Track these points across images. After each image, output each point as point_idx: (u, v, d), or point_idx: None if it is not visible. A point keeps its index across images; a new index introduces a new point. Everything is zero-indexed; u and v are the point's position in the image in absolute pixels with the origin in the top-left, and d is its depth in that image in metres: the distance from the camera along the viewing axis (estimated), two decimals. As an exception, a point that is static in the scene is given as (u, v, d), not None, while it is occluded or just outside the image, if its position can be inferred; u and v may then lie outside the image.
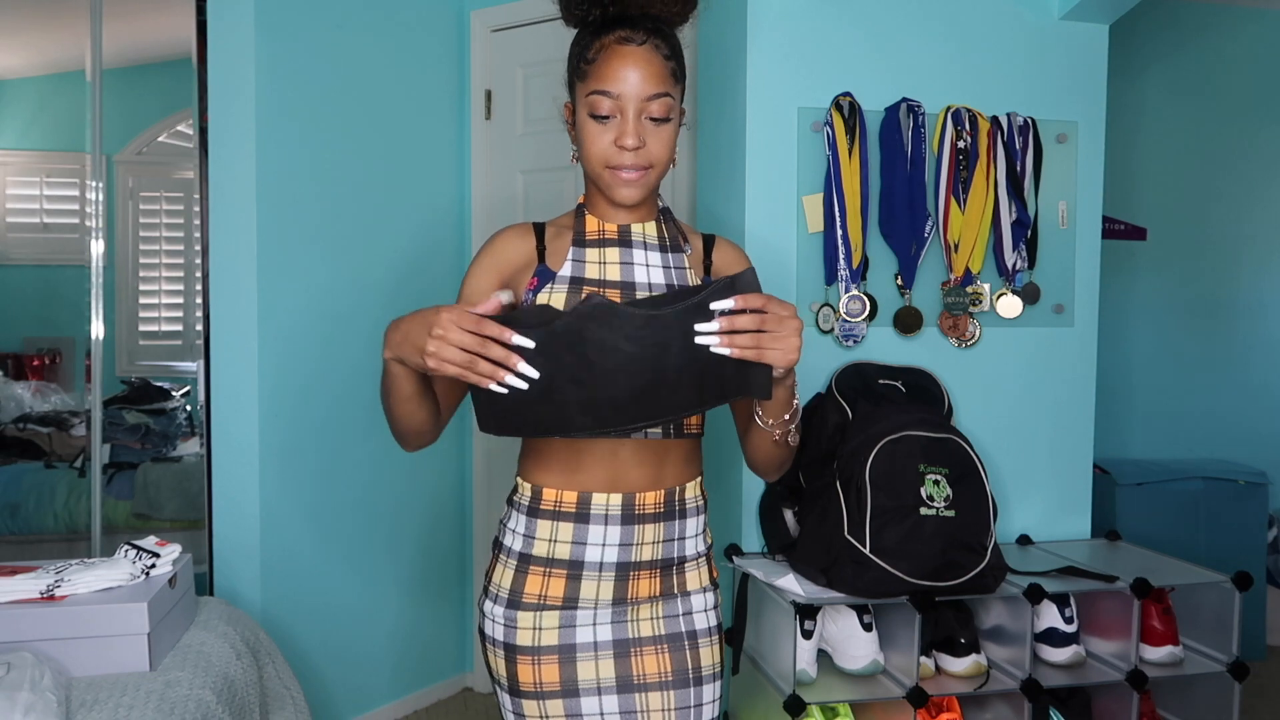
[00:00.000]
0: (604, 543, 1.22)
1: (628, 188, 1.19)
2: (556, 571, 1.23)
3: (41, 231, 2.57)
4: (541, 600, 1.23)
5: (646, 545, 1.24)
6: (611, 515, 1.22)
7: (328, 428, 2.61)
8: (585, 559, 1.22)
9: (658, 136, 1.18)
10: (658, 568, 1.26)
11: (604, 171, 1.19)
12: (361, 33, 2.67)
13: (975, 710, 2.07)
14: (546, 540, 1.23)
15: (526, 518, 1.25)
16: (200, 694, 1.51)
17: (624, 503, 1.22)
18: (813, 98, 2.24)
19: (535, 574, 1.23)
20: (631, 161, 1.17)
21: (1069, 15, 2.33)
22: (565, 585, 1.23)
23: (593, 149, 1.18)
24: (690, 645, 1.27)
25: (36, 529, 2.49)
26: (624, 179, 1.18)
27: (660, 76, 1.16)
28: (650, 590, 1.26)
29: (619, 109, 1.16)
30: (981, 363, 2.33)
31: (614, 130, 1.17)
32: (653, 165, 1.19)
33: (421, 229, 2.88)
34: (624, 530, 1.22)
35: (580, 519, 1.22)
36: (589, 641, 1.23)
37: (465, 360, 1.01)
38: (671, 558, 1.27)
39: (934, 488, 1.93)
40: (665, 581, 1.27)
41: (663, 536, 1.25)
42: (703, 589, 1.31)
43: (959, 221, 2.27)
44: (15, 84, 2.56)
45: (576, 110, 1.21)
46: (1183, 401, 3.55)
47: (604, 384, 1.04)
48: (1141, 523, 3.02)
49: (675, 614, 1.27)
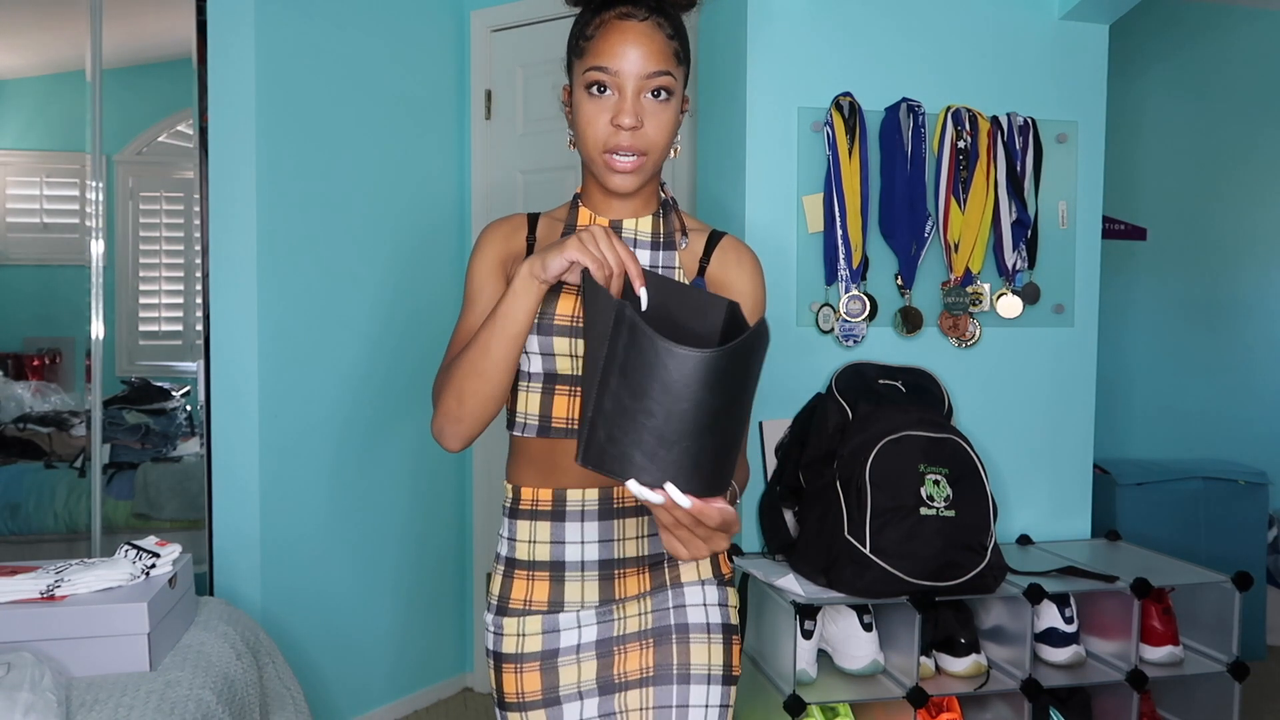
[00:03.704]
0: (583, 540, 1.16)
1: (622, 176, 1.12)
2: (539, 574, 1.18)
3: (41, 231, 2.57)
4: (526, 605, 1.17)
5: (630, 540, 1.17)
6: (589, 511, 1.16)
7: (327, 428, 2.61)
8: (566, 559, 1.17)
9: (657, 119, 1.11)
10: (645, 564, 1.19)
11: (599, 156, 1.12)
12: (361, 33, 2.67)
13: (975, 710, 2.07)
14: (526, 542, 1.18)
15: (509, 520, 1.21)
16: (200, 694, 1.51)
17: (601, 497, 1.16)
18: (813, 98, 2.24)
19: (520, 578, 1.18)
20: (629, 143, 1.10)
21: (1069, 15, 2.34)
22: (549, 589, 1.17)
23: (588, 129, 1.11)
24: (680, 640, 1.17)
25: (36, 529, 2.49)
26: (619, 165, 1.11)
27: (662, 54, 1.10)
28: (639, 587, 1.18)
29: (617, 86, 1.09)
30: (981, 363, 2.34)
31: (611, 109, 1.10)
32: (649, 151, 1.12)
33: (421, 229, 2.88)
34: (603, 526, 1.16)
35: (556, 517, 1.17)
36: (571, 645, 1.16)
37: (605, 255, 1.00)
38: (660, 552, 1.19)
39: (934, 488, 1.93)
40: (656, 577, 1.19)
41: (648, 530, 1.18)
42: (700, 581, 1.21)
43: (959, 221, 2.27)
44: (15, 84, 2.56)
45: (574, 91, 1.14)
46: (1183, 401, 3.55)
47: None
48: (1141, 523, 3.02)
49: (665, 606, 1.18)
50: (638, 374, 0.83)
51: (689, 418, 0.82)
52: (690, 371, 0.81)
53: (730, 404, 0.85)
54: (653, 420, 0.83)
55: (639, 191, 1.17)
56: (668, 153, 1.16)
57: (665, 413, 0.82)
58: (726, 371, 0.83)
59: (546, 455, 1.17)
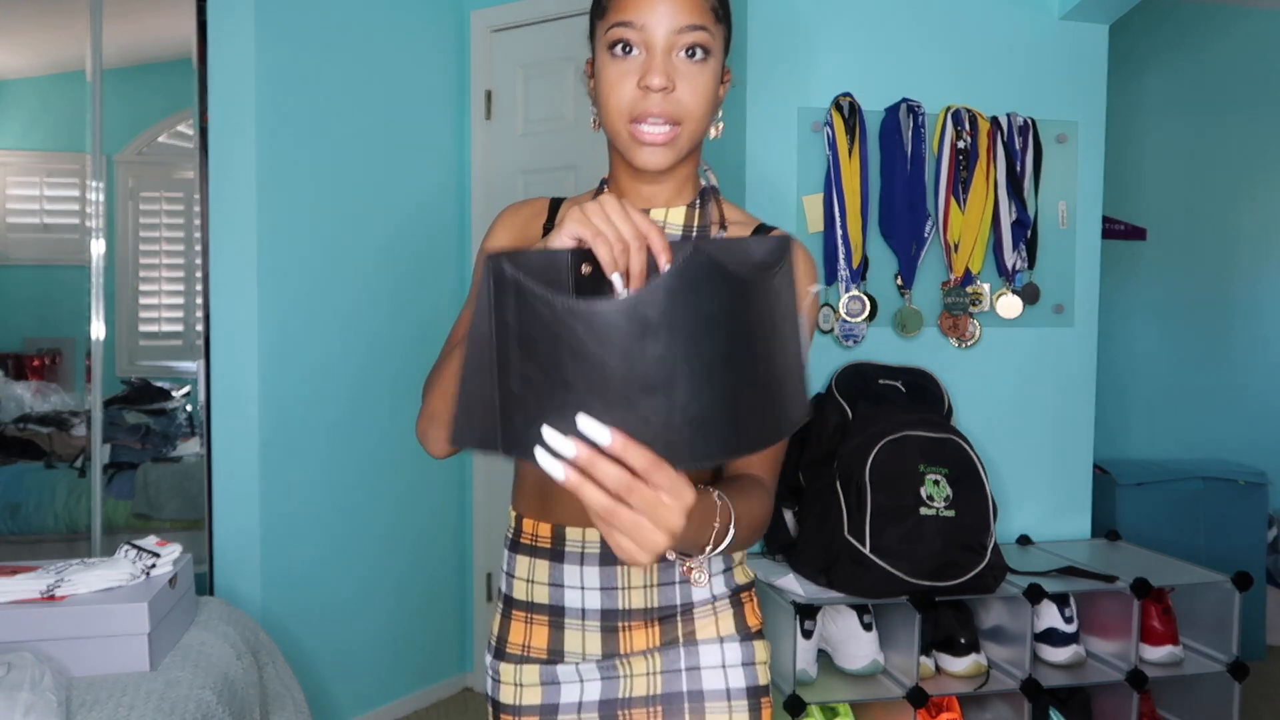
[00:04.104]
0: (582, 585, 1.02)
1: (651, 149, 0.94)
2: (538, 618, 1.05)
3: (41, 231, 2.57)
4: (524, 651, 1.05)
5: (635, 590, 1.02)
6: (589, 554, 1.02)
7: (327, 428, 2.61)
8: (565, 604, 1.03)
9: (691, 81, 0.94)
10: (654, 617, 1.02)
11: (624, 127, 0.95)
12: (362, 33, 2.67)
13: (975, 710, 2.07)
14: (525, 580, 1.06)
15: (509, 553, 1.08)
16: (200, 694, 1.51)
17: (603, 539, 0.94)
18: (813, 98, 2.24)
19: (518, 619, 1.06)
20: (659, 109, 0.93)
21: (1069, 15, 2.34)
22: (549, 635, 1.04)
23: (611, 96, 0.94)
24: (693, 709, 1.02)
25: (37, 529, 2.49)
26: (647, 137, 0.94)
27: (696, 6, 0.93)
28: (648, 642, 1.03)
29: (644, 43, 0.93)
30: (981, 363, 2.34)
31: (637, 70, 0.93)
32: (684, 120, 0.95)
33: (421, 229, 2.88)
34: (604, 572, 1.01)
35: (555, 557, 1.03)
36: (573, 702, 1.03)
37: (617, 227, 0.77)
38: (672, 604, 1.03)
39: (934, 488, 1.93)
40: (666, 632, 1.03)
41: (657, 580, 1.02)
42: (720, 639, 1.03)
43: (959, 221, 2.27)
44: (15, 84, 2.56)
45: (596, 58, 0.98)
46: (1183, 401, 3.55)
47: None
48: (1141, 523, 3.02)
49: (676, 668, 1.03)
50: (541, 344, 0.65)
51: (635, 374, 0.63)
52: (611, 326, 0.62)
53: (702, 345, 0.64)
54: (574, 394, 0.64)
55: (673, 172, 1.01)
56: (707, 126, 0.98)
57: (590, 380, 0.64)
58: (677, 311, 0.63)
59: (544, 480, 1.02)
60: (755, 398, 0.67)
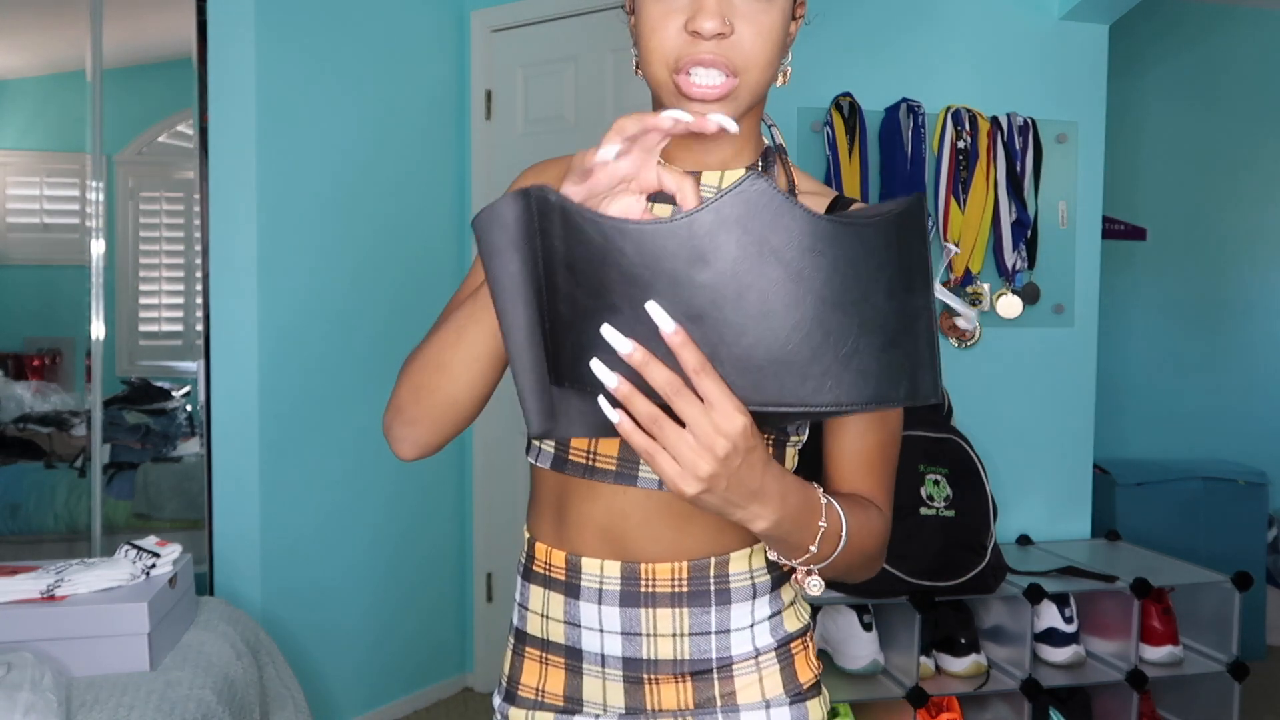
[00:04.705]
0: (601, 628, 0.86)
1: (702, 107, 0.75)
2: (554, 659, 0.90)
3: (41, 231, 2.57)
4: (539, 697, 0.91)
5: (664, 638, 0.85)
6: (608, 591, 0.85)
7: (328, 427, 2.61)
8: (583, 646, 0.87)
9: (754, 23, 0.74)
10: (685, 671, 0.86)
11: (668, 78, 0.76)
12: (362, 33, 2.67)
13: (975, 710, 2.07)
14: (539, 615, 0.90)
15: (521, 581, 0.93)
16: (200, 694, 1.51)
17: (624, 574, 0.84)
18: (813, 98, 2.24)
19: (531, 658, 0.92)
20: (712, 56, 0.74)
21: (1069, 15, 2.34)
22: (565, 680, 0.89)
23: (652, 39, 0.76)
24: None
25: (36, 529, 2.49)
26: (697, 91, 0.75)
27: None
28: (679, 702, 0.86)
29: None
30: (981, 363, 2.34)
31: (685, 8, 0.75)
32: (743, 70, 0.75)
33: (421, 229, 2.88)
34: (626, 615, 0.85)
35: (571, 592, 0.87)
36: None
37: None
38: (706, 657, 0.85)
39: (934, 488, 1.93)
40: (701, 690, 0.86)
41: (689, 628, 0.85)
42: (765, 703, 0.86)
43: (959, 221, 2.27)
44: (15, 84, 2.56)
45: None
46: (1182, 401, 3.55)
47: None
48: (1141, 523, 3.02)
49: None
50: (589, 267, 0.62)
51: (681, 299, 0.59)
52: (660, 247, 0.59)
53: (791, 292, 0.58)
54: (621, 317, 0.61)
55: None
56: (773, 76, 0.79)
57: (636, 304, 0.60)
58: (727, 237, 0.58)
59: (558, 499, 0.89)
60: (830, 350, 0.60)
